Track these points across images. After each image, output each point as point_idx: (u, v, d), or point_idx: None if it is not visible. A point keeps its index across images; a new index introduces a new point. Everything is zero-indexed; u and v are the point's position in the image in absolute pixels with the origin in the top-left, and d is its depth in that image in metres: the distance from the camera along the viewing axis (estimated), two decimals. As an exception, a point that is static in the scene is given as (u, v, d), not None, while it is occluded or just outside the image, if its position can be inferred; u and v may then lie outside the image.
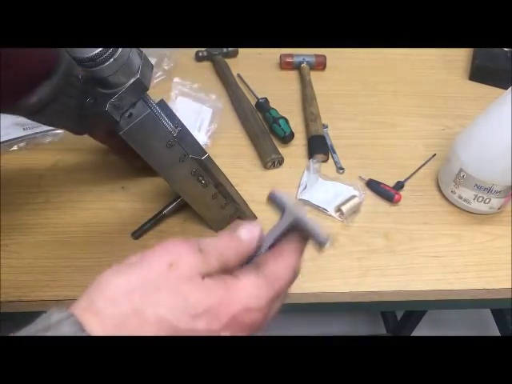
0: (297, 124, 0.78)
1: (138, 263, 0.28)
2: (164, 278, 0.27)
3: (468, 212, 0.68)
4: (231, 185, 0.58)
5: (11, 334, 0.24)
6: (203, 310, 0.26)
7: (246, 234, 0.31)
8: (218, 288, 0.28)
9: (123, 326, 0.25)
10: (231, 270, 0.30)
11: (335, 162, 0.74)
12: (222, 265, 0.29)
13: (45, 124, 0.52)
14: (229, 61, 0.88)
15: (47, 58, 0.45)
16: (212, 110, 0.78)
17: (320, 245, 0.31)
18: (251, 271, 0.30)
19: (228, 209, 0.61)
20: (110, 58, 0.43)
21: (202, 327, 0.26)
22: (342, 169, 0.73)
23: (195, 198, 0.58)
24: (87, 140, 0.58)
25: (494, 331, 1.33)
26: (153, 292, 0.26)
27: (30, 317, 0.25)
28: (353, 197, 0.67)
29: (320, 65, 0.88)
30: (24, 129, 0.73)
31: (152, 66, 0.50)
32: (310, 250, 0.33)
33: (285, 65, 0.88)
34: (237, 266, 0.30)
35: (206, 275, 0.28)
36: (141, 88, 0.47)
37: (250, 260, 0.31)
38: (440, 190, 0.70)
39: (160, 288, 0.26)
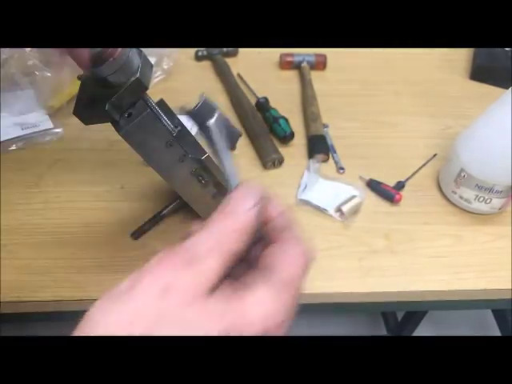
0: (297, 124, 0.78)
1: (127, 295, 0.23)
2: (161, 308, 0.23)
3: (469, 212, 0.68)
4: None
5: None
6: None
7: (239, 204, 0.26)
8: (228, 310, 0.23)
9: None
10: (241, 255, 0.25)
11: (335, 162, 0.74)
12: (225, 263, 0.24)
13: None
14: (229, 60, 0.87)
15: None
16: None
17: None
18: (262, 282, 0.25)
19: (228, 209, 0.61)
20: (109, 58, 0.43)
21: None
22: (343, 169, 0.73)
23: (195, 197, 0.58)
24: (87, 140, 0.58)
25: (495, 331, 1.33)
26: (151, 327, 0.22)
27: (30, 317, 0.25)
28: (353, 197, 0.67)
29: (320, 64, 0.88)
30: (22, 128, 0.73)
31: (152, 66, 0.49)
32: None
33: (285, 64, 0.88)
34: (245, 247, 0.26)
35: (208, 290, 0.23)
36: (140, 88, 0.47)
37: (260, 231, 0.27)
38: (441, 190, 0.70)
39: (159, 321, 0.22)
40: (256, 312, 0.24)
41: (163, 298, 0.23)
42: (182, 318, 0.22)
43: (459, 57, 0.93)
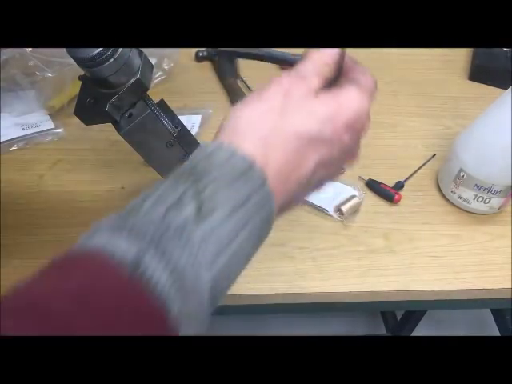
0: (297, 124, 0.78)
1: (258, 100, 0.33)
2: (285, 104, 0.32)
3: (468, 212, 0.68)
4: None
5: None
6: (326, 119, 0.32)
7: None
8: (331, 100, 0.33)
9: (269, 143, 0.31)
10: (331, 80, 0.36)
11: (335, 162, 0.74)
12: (322, 80, 0.34)
13: None
14: (229, 61, 0.88)
15: None
16: (201, 116, 0.78)
17: None
18: (352, 85, 0.35)
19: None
20: (110, 58, 0.43)
21: (328, 134, 0.33)
22: (342, 169, 0.73)
23: (195, 197, 0.58)
24: (87, 140, 0.58)
25: (494, 331, 1.33)
26: (281, 115, 0.32)
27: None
28: (353, 197, 0.67)
29: (320, 65, 0.88)
30: (23, 128, 0.73)
31: (152, 66, 0.50)
32: (309, 250, 0.33)
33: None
34: (333, 74, 0.36)
35: (315, 94, 0.33)
36: (141, 88, 0.47)
37: (340, 66, 0.37)
38: (440, 190, 0.70)
39: (286, 111, 0.32)
40: (349, 102, 0.34)
41: (286, 97, 0.32)
42: (300, 108, 0.32)
43: (458, 57, 0.93)
